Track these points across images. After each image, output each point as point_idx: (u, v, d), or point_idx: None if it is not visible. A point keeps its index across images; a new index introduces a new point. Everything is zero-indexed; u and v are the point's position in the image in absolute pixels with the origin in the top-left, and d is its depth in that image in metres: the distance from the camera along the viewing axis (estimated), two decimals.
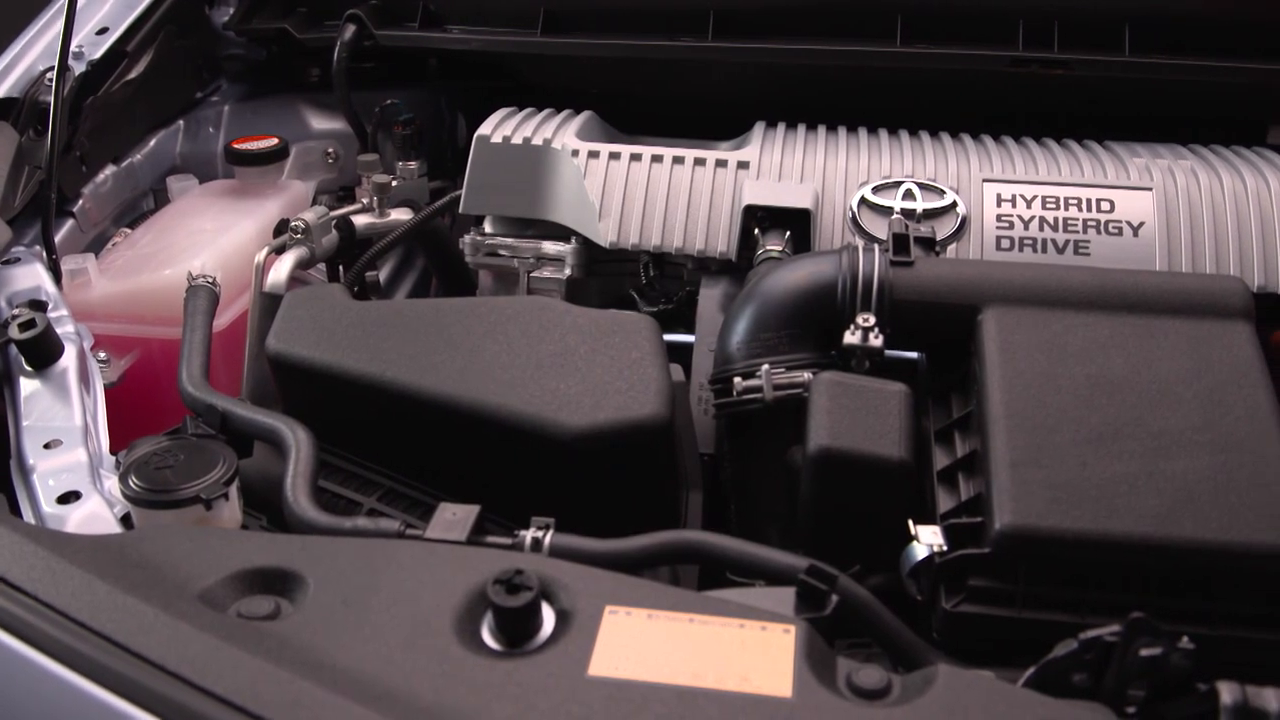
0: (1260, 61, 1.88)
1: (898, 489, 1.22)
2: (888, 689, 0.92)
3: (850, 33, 1.94)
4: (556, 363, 1.33)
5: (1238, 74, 1.87)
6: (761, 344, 1.39)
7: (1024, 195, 1.66)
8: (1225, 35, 1.90)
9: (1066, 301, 1.33)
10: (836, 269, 1.39)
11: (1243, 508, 1.12)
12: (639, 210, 1.71)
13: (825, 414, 1.22)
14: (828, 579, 1.04)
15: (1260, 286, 1.59)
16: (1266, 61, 1.88)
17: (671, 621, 0.96)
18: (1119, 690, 0.96)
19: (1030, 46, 1.88)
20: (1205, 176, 1.67)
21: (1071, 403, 1.22)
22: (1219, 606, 1.12)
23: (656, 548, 1.13)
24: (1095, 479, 1.15)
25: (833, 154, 1.75)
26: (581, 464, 1.28)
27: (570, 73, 2.17)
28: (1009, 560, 1.12)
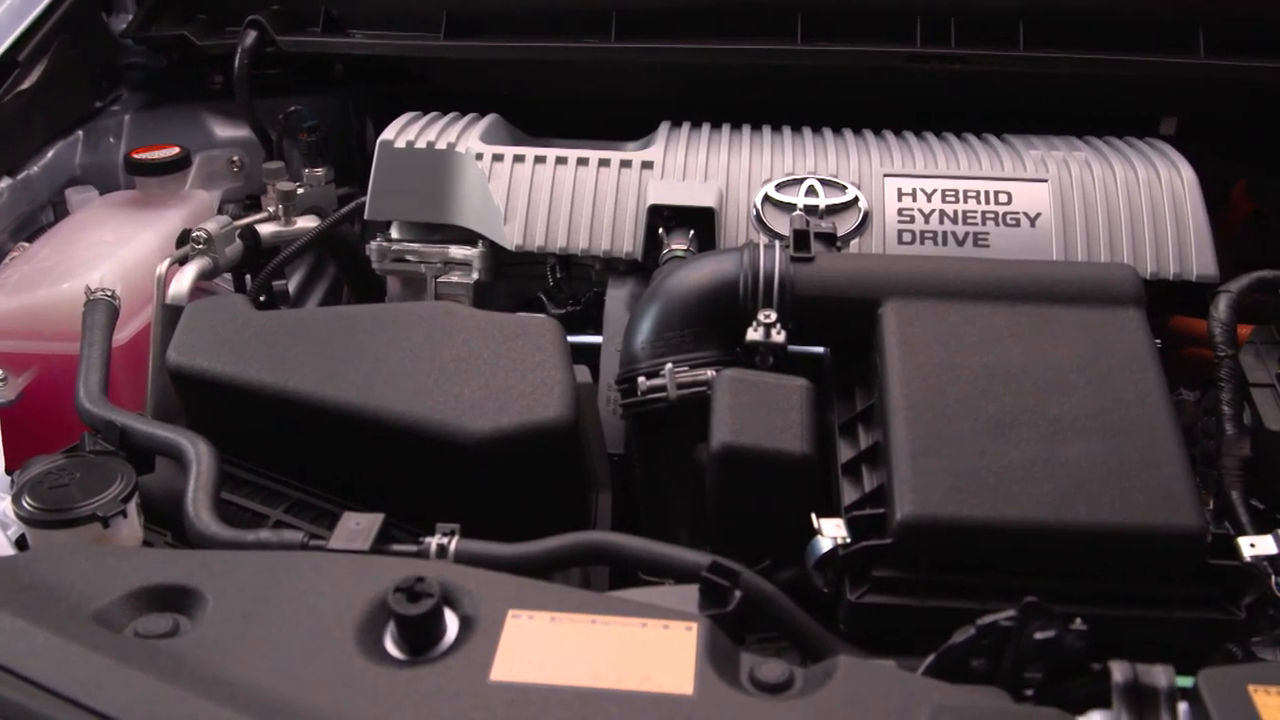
0: (1151, 55, 1.92)
1: (801, 483, 1.23)
2: (790, 682, 0.92)
3: (752, 32, 1.96)
4: (460, 368, 1.32)
5: (1130, 67, 1.92)
6: (665, 343, 1.40)
7: (924, 189, 1.69)
8: (1117, 30, 1.94)
9: (964, 293, 1.35)
10: (738, 266, 1.40)
11: (1134, 490, 1.15)
12: (544, 212, 1.71)
13: (728, 411, 1.23)
14: (730, 575, 1.04)
15: (1153, 273, 1.63)
16: (1157, 54, 1.92)
17: (574, 623, 0.96)
18: (1016, 673, 0.98)
19: (928, 43, 1.91)
20: (1099, 168, 1.71)
21: (970, 392, 1.24)
22: (1114, 587, 1.14)
23: (562, 550, 1.13)
24: (993, 467, 1.16)
25: (736, 152, 1.77)
26: (487, 469, 1.28)
27: (476, 76, 2.16)
28: (911, 550, 1.13)
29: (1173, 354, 1.77)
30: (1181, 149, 1.82)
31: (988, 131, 1.89)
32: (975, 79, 1.94)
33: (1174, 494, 1.15)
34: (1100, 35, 1.93)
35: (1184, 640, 1.15)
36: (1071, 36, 1.92)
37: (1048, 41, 1.91)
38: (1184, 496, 1.15)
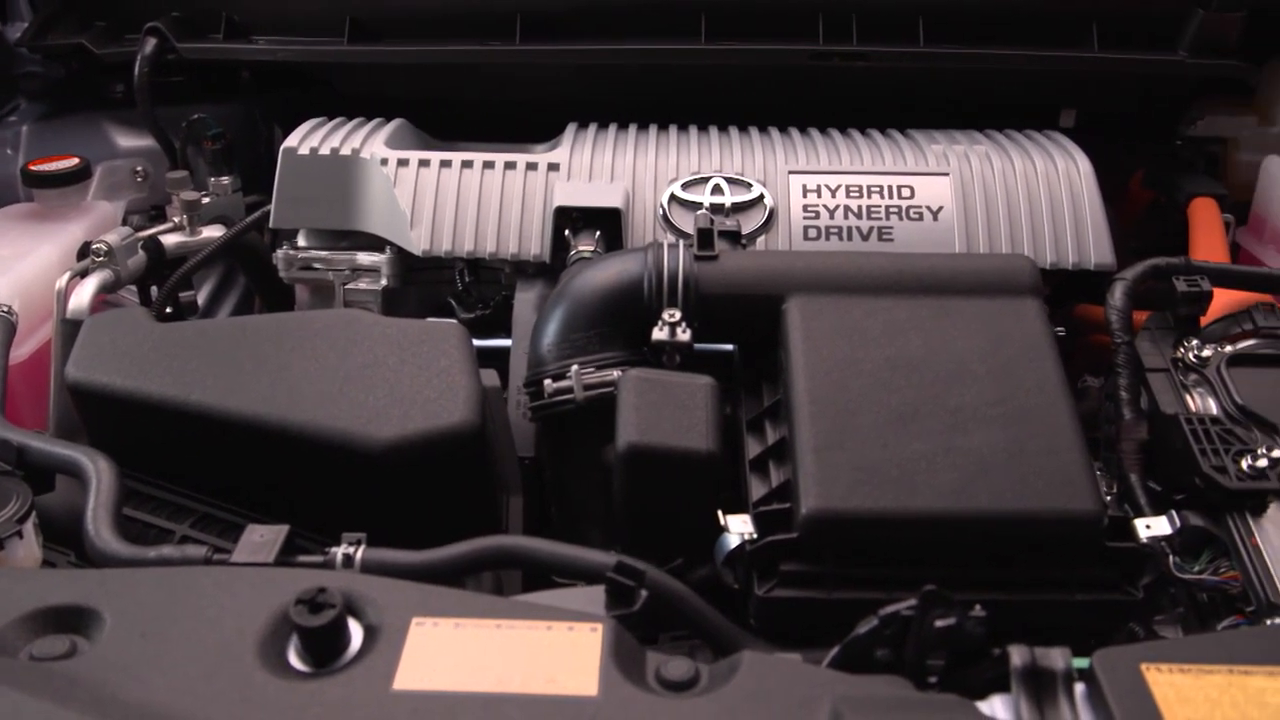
0: (1049, 49, 1.96)
1: (708, 480, 1.23)
2: (695, 680, 0.92)
3: (657, 32, 1.96)
4: (364, 375, 1.31)
5: (1027, 61, 1.96)
6: (572, 345, 1.40)
7: (828, 185, 1.70)
8: (1015, 25, 1.97)
9: (866, 287, 1.36)
10: (642, 266, 1.40)
11: (1033, 477, 1.17)
12: (450, 217, 1.70)
13: (633, 411, 1.23)
14: (635, 575, 1.04)
15: (1053, 263, 1.66)
16: (1053, 49, 1.96)
17: (479, 629, 0.95)
18: (919, 661, 0.99)
19: (830, 40, 1.93)
20: (998, 160, 1.74)
21: (872, 385, 1.25)
22: (1017, 573, 1.16)
23: (469, 555, 1.12)
24: (896, 458, 1.18)
25: (643, 152, 1.77)
26: (394, 476, 1.27)
27: (382, 80, 2.14)
28: (816, 543, 1.14)
29: (1077, 342, 1.80)
30: (1080, 141, 1.86)
31: (891, 127, 1.91)
32: (878, 75, 1.96)
33: (1072, 479, 1.17)
34: (998, 31, 1.96)
35: (1086, 622, 1.17)
36: (970, 32, 1.95)
37: (947, 37, 1.94)
38: (1081, 481, 1.17)
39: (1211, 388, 1.44)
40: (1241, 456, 1.31)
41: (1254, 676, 0.92)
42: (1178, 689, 0.90)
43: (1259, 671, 0.92)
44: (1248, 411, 1.39)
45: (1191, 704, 0.89)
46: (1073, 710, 0.92)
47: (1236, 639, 1.03)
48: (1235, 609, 1.26)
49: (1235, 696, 0.90)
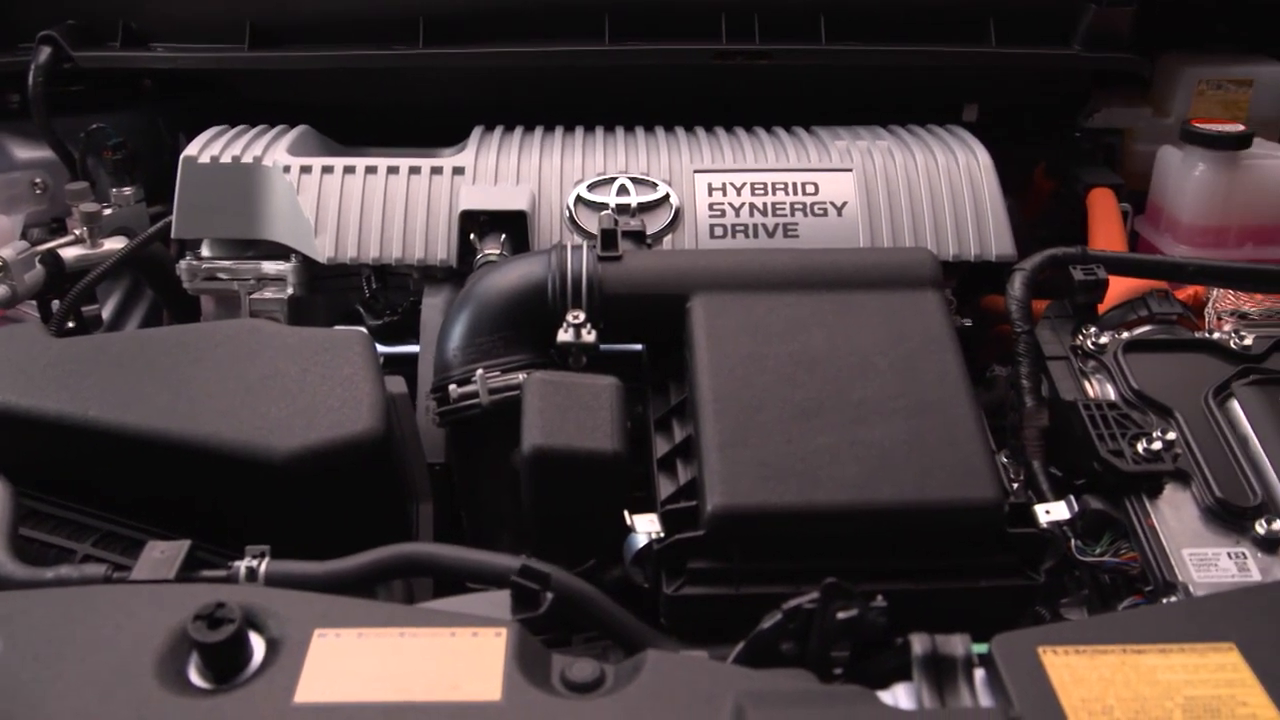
0: (949, 45, 1.99)
1: (615, 480, 1.23)
2: (600, 681, 0.93)
3: (560, 33, 1.96)
4: (266, 386, 1.30)
5: (929, 58, 1.99)
6: (477, 349, 1.39)
7: (734, 183, 1.71)
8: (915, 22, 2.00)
9: (769, 284, 1.37)
10: (546, 269, 1.40)
11: (934, 467, 1.18)
12: (355, 223, 1.69)
13: (537, 413, 1.23)
14: (540, 578, 1.04)
15: (955, 255, 1.69)
16: (954, 45, 1.99)
17: (382, 638, 0.95)
18: (823, 654, 1.00)
19: (733, 39, 1.94)
20: (901, 155, 1.76)
21: (776, 381, 1.26)
22: (922, 562, 1.17)
23: (374, 564, 1.11)
24: (799, 453, 1.19)
25: (549, 154, 1.77)
26: (299, 487, 1.25)
27: (286, 86, 2.11)
28: (722, 540, 1.15)
29: (986, 332, 1.83)
30: (983, 134, 1.89)
31: (796, 124, 1.93)
32: (781, 73, 1.98)
33: (972, 468, 1.19)
34: (899, 28, 1.99)
35: (991, 608, 1.19)
36: (871, 30, 1.98)
37: (849, 35, 1.96)
38: (982, 470, 1.19)
39: (1109, 374, 1.47)
40: (1137, 440, 1.34)
41: (1146, 655, 0.94)
42: (1073, 670, 0.92)
43: (1151, 650, 0.95)
44: (1143, 396, 1.42)
45: (1086, 684, 0.91)
46: (972, 695, 0.93)
47: (1130, 619, 1.06)
48: (1135, 589, 1.29)
49: (1128, 675, 0.92)
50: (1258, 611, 1.01)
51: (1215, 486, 1.31)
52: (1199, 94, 2.16)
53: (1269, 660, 0.94)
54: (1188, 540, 1.27)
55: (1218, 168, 1.90)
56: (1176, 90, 2.16)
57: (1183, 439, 1.37)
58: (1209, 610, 1.04)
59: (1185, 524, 1.30)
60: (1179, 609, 1.13)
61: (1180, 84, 2.16)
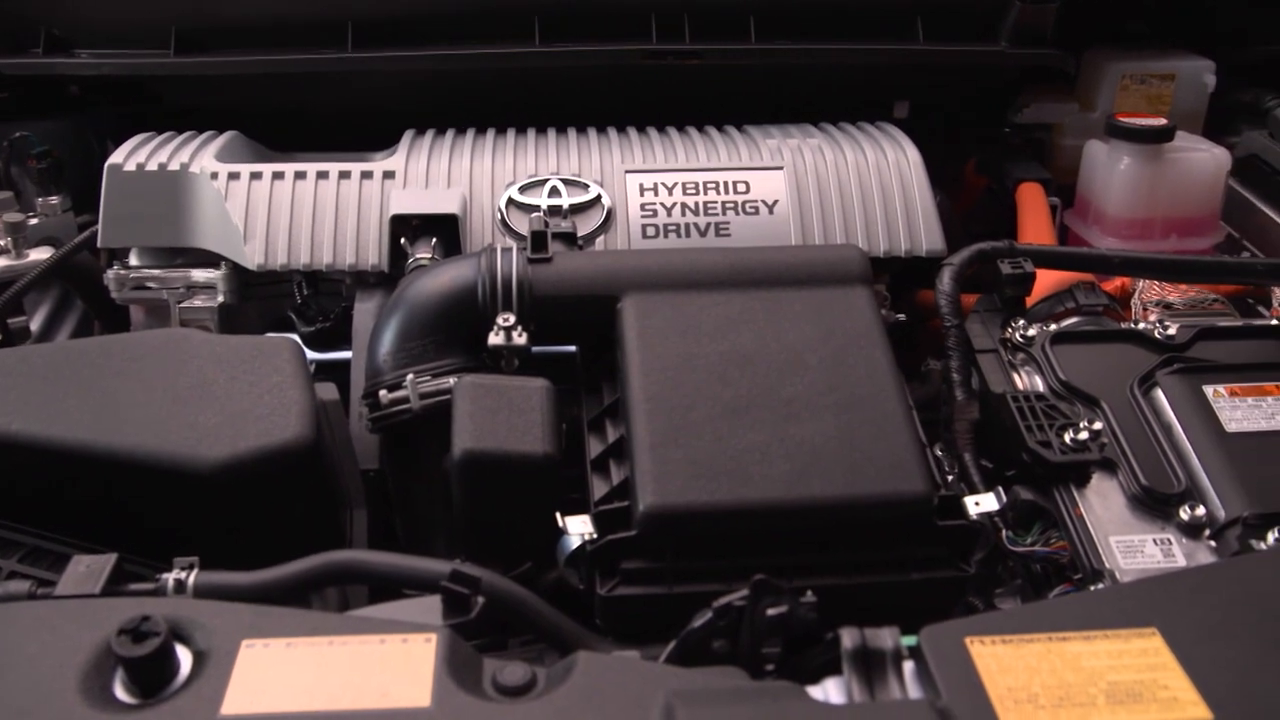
0: (877, 42, 2.01)
1: (547, 482, 1.23)
2: (532, 684, 0.93)
3: (491, 36, 1.95)
4: (194, 395, 1.28)
5: (858, 55, 2.00)
6: (408, 353, 1.38)
7: (665, 183, 1.72)
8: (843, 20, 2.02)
9: (700, 283, 1.38)
10: (476, 271, 1.40)
11: (864, 462, 1.19)
12: (285, 229, 1.67)
13: (468, 417, 1.22)
14: (470, 582, 1.04)
15: (886, 251, 1.70)
16: (883, 42, 2.01)
17: (311, 647, 0.94)
18: (754, 651, 1.01)
19: (663, 39, 1.95)
20: (831, 153, 1.78)
21: (707, 380, 1.27)
22: (854, 556, 1.18)
23: (304, 573, 1.10)
24: (730, 451, 1.19)
25: (480, 157, 1.76)
26: (228, 497, 1.24)
27: (214, 92, 2.09)
28: (655, 539, 1.15)
29: (921, 327, 1.85)
30: (915, 130, 1.91)
31: (728, 123, 1.93)
32: (712, 73, 1.98)
33: (901, 462, 1.20)
34: (828, 26, 2.00)
35: (923, 600, 1.20)
36: (801, 28, 1.99)
37: (778, 34, 1.97)
38: (910, 464, 1.20)
39: (1037, 365, 1.49)
40: (1065, 430, 1.36)
41: (1071, 642, 0.96)
42: (999, 659, 0.93)
43: (1075, 637, 0.96)
44: (1071, 387, 1.44)
45: (1012, 673, 0.92)
46: (902, 687, 0.94)
47: (1056, 607, 1.07)
48: (1065, 578, 1.31)
49: (1054, 663, 0.93)
50: (1180, 596, 1.02)
51: (1141, 475, 1.33)
52: (1123, 88, 2.19)
53: (1190, 644, 0.95)
54: (1115, 528, 1.30)
55: (1141, 161, 1.93)
56: (1101, 85, 2.20)
57: (1109, 428, 1.39)
58: (1133, 596, 1.06)
59: (1112, 512, 1.32)
60: (1103, 596, 1.14)
61: (1105, 79, 2.19)
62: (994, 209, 2.14)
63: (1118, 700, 0.90)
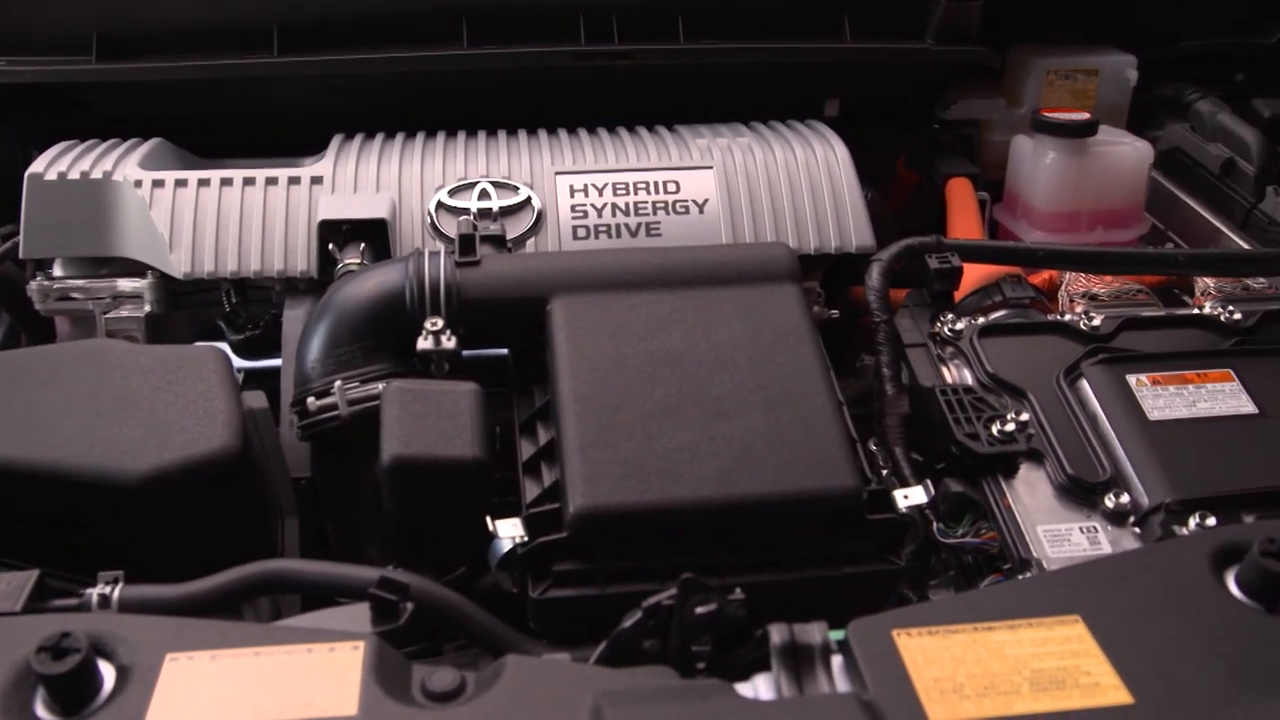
0: (805, 41, 2.02)
1: (478, 486, 1.23)
2: (461, 689, 0.92)
3: (418, 39, 1.94)
4: (118, 407, 1.26)
5: (785, 54, 2.01)
6: (336, 360, 1.37)
7: (595, 184, 1.72)
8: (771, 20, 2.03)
9: (629, 283, 1.38)
10: (404, 276, 1.39)
11: (794, 458, 1.20)
12: (212, 237, 1.65)
13: (396, 423, 1.22)
14: (398, 589, 1.03)
15: (817, 249, 1.71)
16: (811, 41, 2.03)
17: (236, 659, 0.93)
18: (684, 649, 1.01)
19: (592, 40, 1.95)
20: (760, 152, 1.79)
21: (636, 380, 1.27)
22: (785, 552, 1.19)
23: (232, 584, 1.10)
24: (660, 450, 1.19)
25: (409, 160, 1.75)
26: (155, 509, 1.22)
27: (140, 99, 2.05)
28: (586, 540, 1.15)
29: (856, 323, 1.86)
30: (846, 128, 1.92)
31: (660, 123, 1.94)
32: (642, 73, 1.98)
33: (830, 458, 1.21)
34: (756, 26, 2.01)
35: (856, 593, 1.20)
36: (729, 28, 1.99)
37: (707, 33, 1.98)
38: (839, 459, 1.21)
39: (966, 359, 1.51)
40: (992, 422, 1.38)
41: (996, 631, 0.97)
42: (925, 651, 0.94)
43: (1001, 626, 0.97)
44: (998, 379, 1.46)
45: (938, 663, 0.93)
46: (830, 681, 0.95)
47: (982, 598, 1.08)
48: (996, 568, 1.33)
49: (979, 653, 0.94)
50: (1103, 583, 1.04)
51: (1067, 464, 1.35)
52: (1049, 84, 2.22)
53: (1112, 630, 0.97)
54: (1042, 517, 1.31)
55: (1066, 155, 1.96)
56: (1027, 81, 2.22)
57: (1036, 419, 1.41)
58: (1057, 584, 1.07)
59: (1040, 502, 1.34)
60: (1029, 585, 1.16)
61: (1030, 75, 2.22)
62: (925, 204, 2.16)
63: (1041, 688, 0.91)
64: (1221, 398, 1.42)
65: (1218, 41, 2.38)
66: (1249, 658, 0.96)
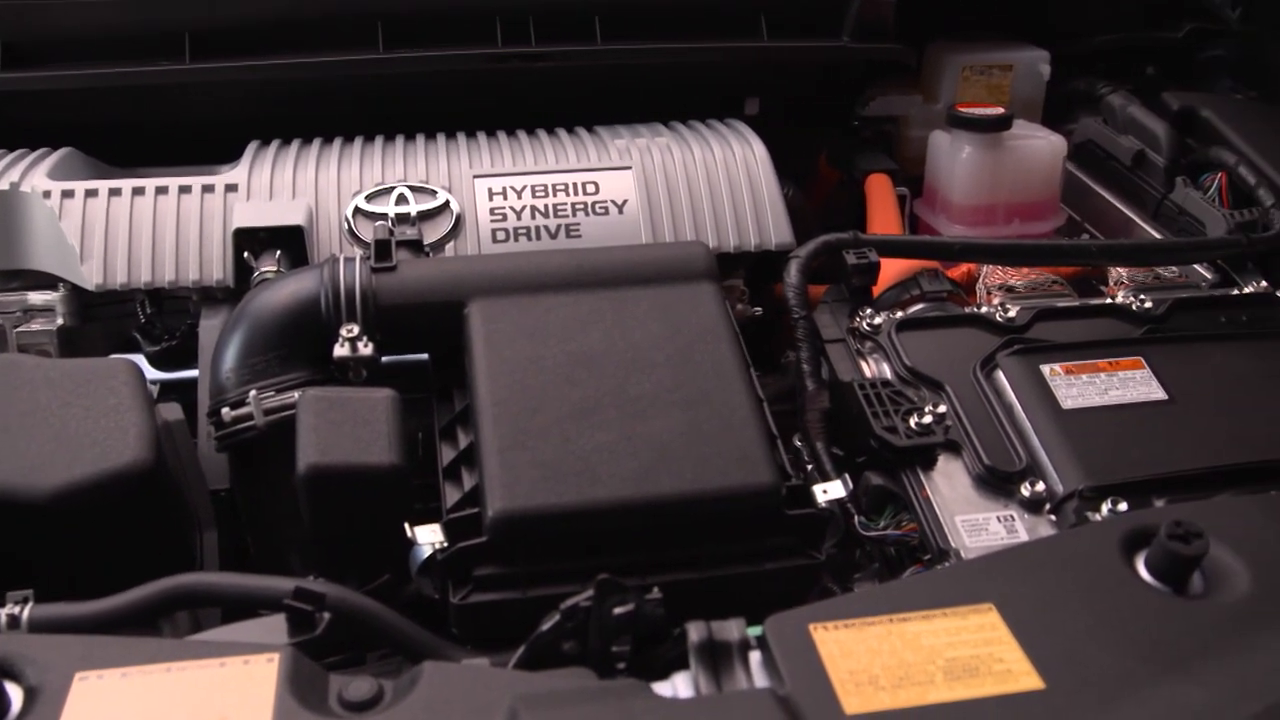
0: (722, 40, 2.03)
1: (396, 493, 1.22)
2: (379, 697, 0.92)
3: (333, 44, 1.92)
4: (26, 422, 1.24)
5: (702, 54, 2.02)
6: (251, 369, 1.35)
7: (514, 187, 1.71)
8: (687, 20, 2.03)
9: (546, 285, 1.38)
10: (319, 283, 1.38)
11: (711, 456, 1.20)
12: (124, 247, 1.63)
13: (312, 431, 1.20)
14: (313, 598, 1.02)
15: (736, 246, 1.72)
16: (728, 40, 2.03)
17: (147, 676, 0.92)
18: (603, 650, 1.01)
19: (509, 42, 1.94)
20: (679, 151, 1.79)
21: (554, 382, 1.26)
22: (707, 551, 1.19)
23: (145, 599, 1.08)
24: (578, 452, 1.19)
25: (326, 166, 1.74)
26: (66, 526, 1.20)
27: (49, 108, 2.01)
28: (505, 544, 1.15)
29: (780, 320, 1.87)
30: (766, 127, 1.93)
31: (579, 125, 1.93)
32: (560, 75, 1.98)
33: (748, 454, 1.21)
34: (673, 25, 2.01)
35: (778, 589, 1.21)
36: (646, 28, 1.99)
37: (624, 34, 1.98)
38: (757, 456, 1.21)
39: (884, 353, 1.52)
40: (910, 415, 1.39)
41: (911, 622, 0.98)
42: (841, 644, 0.95)
43: (916, 617, 0.98)
44: (916, 372, 1.47)
45: (854, 656, 0.94)
46: (748, 677, 0.96)
47: (898, 589, 1.10)
48: (917, 559, 1.34)
49: (894, 644, 0.96)
50: (1016, 571, 1.06)
51: (984, 454, 1.36)
52: (965, 80, 2.25)
53: (1024, 617, 0.98)
54: (960, 508, 1.33)
55: (982, 149, 1.99)
56: (943, 77, 2.25)
57: (953, 411, 1.42)
58: (972, 573, 1.09)
59: (958, 492, 1.35)
60: (944, 575, 1.17)
61: (946, 71, 2.25)
62: (848, 201, 2.17)
63: (955, 676, 0.93)
64: (1133, 385, 1.45)
65: (1129, 36, 2.43)
66: (1157, 639, 0.98)
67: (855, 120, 2.29)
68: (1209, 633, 0.98)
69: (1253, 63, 2.27)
